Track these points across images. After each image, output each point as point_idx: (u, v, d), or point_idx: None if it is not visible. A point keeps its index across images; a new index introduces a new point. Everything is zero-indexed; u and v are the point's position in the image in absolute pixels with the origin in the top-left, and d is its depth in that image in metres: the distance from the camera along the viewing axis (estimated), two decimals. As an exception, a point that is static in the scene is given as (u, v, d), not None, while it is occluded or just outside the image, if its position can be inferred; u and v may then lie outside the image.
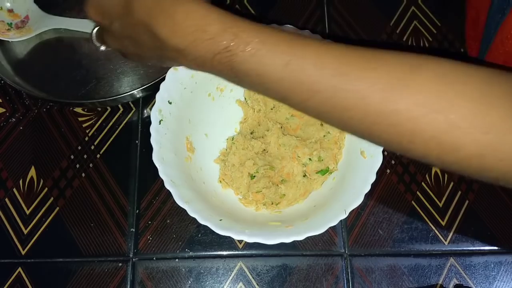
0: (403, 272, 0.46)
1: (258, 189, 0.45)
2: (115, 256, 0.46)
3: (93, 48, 0.54)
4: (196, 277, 0.46)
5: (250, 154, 0.46)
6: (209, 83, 0.47)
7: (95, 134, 0.50)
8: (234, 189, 0.46)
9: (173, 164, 0.41)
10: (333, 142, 0.46)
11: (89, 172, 0.49)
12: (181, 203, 0.39)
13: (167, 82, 0.43)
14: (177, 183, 0.40)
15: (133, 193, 0.48)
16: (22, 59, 0.53)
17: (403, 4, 0.58)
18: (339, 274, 0.46)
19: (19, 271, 0.45)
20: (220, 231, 0.38)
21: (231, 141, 0.48)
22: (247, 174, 0.45)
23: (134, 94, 0.48)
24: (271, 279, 0.46)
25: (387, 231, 0.47)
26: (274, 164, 0.46)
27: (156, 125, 0.42)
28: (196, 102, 0.47)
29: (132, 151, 0.50)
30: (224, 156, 0.47)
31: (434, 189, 0.49)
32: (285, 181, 0.46)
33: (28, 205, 0.48)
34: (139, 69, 0.52)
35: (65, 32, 0.54)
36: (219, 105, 0.49)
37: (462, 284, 0.46)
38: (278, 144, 0.46)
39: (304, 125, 0.48)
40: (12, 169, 0.49)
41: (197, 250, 0.46)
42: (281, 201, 0.45)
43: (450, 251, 0.47)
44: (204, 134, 0.48)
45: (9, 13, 0.54)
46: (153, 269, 0.46)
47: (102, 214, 0.47)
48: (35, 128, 0.51)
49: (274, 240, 0.38)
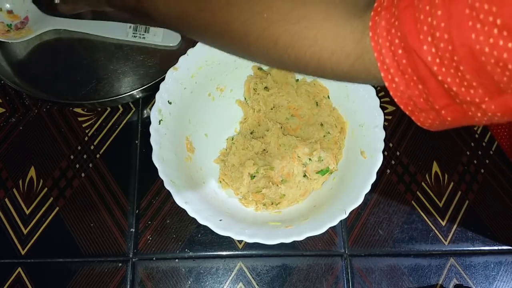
0: (403, 272, 0.46)
1: (258, 189, 0.45)
2: (115, 256, 0.46)
3: (93, 49, 0.54)
4: (196, 277, 0.46)
5: (250, 154, 0.46)
6: (209, 83, 0.47)
7: (95, 134, 0.50)
8: (234, 189, 0.46)
9: (173, 164, 0.41)
10: (333, 142, 0.46)
11: (89, 172, 0.49)
12: (181, 203, 0.39)
13: (167, 82, 0.43)
14: (177, 183, 0.40)
15: (133, 193, 0.48)
16: (22, 60, 0.53)
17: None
18: (339, 274, 0.46)
19: (19, 271, 0.45)
20: (220, 231, 0.38)
21: (231, 141, 0.48)
22: (247, 174, 0.45)
23: (134, 95, 0.48)
24: (271, 279, 0.46)
25: (387, 231, 0.47)
26: (274, 164, 0.46)
27: (156, 125, 0.42)
28: (196, 102, 0.47)
29: (132, 151, 0.50)
30: (224, 156, 0.47)
31: (434, 189, 0.49)
32: (285, 181, 0.46)
33: (28, 205, 0.48)
34: (139, 69, 0.52)
35: (65, 32, 0.54)
36: (219, 105, 0.49)
37: (462, 284, 0.46)
38: (278, 144, 0.46)
39: (304, 125, 0.48)
40: (12, 169, 0.49)
41: (197, 250, 0.46)
42: (281, 201, 0.45)
43: (450, 251, 0.47)
44: (204, 134, 0.48)
45: (9, 14, 0.54)
46: (153, 269, 0.46)
47: (102, 214, 0.47)
48: (35, 128, 0.51)
49: (274, 240, 0.38)
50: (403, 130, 0.52)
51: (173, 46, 0.53)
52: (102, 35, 0.53)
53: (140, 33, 0.53)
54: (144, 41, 0.53)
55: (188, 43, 0.53)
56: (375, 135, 0.42)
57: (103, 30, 0.53)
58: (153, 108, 0.42)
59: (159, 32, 0.53)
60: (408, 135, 0.52)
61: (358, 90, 0.44)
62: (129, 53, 0.53)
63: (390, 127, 0.52)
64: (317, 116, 0.47)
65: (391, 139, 0.51)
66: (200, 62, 0.45)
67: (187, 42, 0.53)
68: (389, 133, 0.52)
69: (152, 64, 0.53)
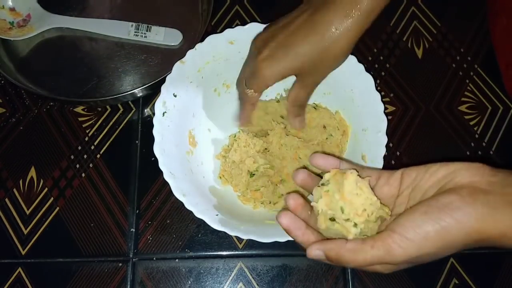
0: (403, 272, 0.46)
1: (256, 187, 0.45)
2: (115, 256, 0.46)
3: (94, 47, 0.54)
4: (196, 277, 0.46)
5: (251, 152, 0.46)
6: (215, 79, 0.47)
7: (95, 134, 0.50)
8: (233, 186, 0.46)
9: (173, 157, 0.42)
10: (335, 145, 0.46)
11: (89, 172, 0.49)
12: (178, 195, 0.39)
13: (173, 75, 0.43)
14: (176, 175, 0.40)
15: (133, 193, 0.48)
16: (24, 57, 0.53)
17: (403, 4, 0.58)
18: (339, 274, 0.46)
19: (19, 271, 0.45)
20: (216, 226, 0.38)
21: (233, 138, 0.48)
22: (246, 171, 0.45)
23: (135, 93, 0.48)
24: (271, 279, 0.46)
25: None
26: (274, 164, 0.46)
27: (160, 116, 0.42)
28: (201, 96, 0.47)
29: (132, 151, 0.50)
30: (225, 153, 0.47)
31: (434, 189, 0.49)
32: (284, 181, 0.46)
33: (28, 205, 0.47)
34: (141, 68, 0.52)
35: (67, 30, 0.54)
36: (224, 101, 0.49)
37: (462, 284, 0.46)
38: (280, 144, 0.46)
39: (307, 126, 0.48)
40: (12, 169, 0.49)
41: (197, 250, 0.46)
42: (279, 201, 0.45)
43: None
44: (207, 129, 0.48)
45: (11, 12, 0.54)
46: (153, 269, 0.46)
47: (102, 214, 0.47)
48: (35, 128, 0.51)
49: (268, 238, 0.38)
50: (403, 130, 0.52)
51: (174, 45, 0.53)
52: (104, 34, 0.53)
53: (142, 32, 0.53)
54: (146, 40, 0.53)
55: (189, 43, 0.53)
56: (377, 140, 0.42)
57: (105, 29, 0.53)
58: (157, 100, 0.42)
59: (160, 31, 0.53)
60: (408, 135, 0.52)
61: (363, 95, 0.44)
62: (131, 51, 0.53)
63: (390, 127, 0.52)
64: (318, 118, 0.47)
65: (391, 139, 0.51)
66: (207, 57, 0.45)
67: (189, 42, 0.53)
68: (389, 133, 0.51)
69: (153, 63, 0.53)
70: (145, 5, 0.56)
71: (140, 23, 0.53)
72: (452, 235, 0.27)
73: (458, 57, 0.55)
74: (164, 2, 0.56)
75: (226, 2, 0.57)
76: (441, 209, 0.27)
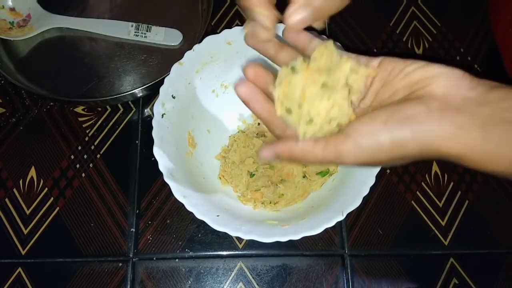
0: (403, 272, 0.46)
1: (257, 187, 0.45)
2: (115, 256, 0.46)
3: (94, 47, 0.54)
4: (196, 277, 0.46)
5: (251, 152, 0.46)
6: (214, 80, 0.47)
7: (95, 134, 0.50)
8: (233, 186, 0.46)
9: (173, 158, 0.42)
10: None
11: (89, 172, 0.49)
12: (179, 197, 0.39)
13: (171, 77, 0.43)
14: (176, 177, 0.40)
15: (133, 193, 0.48)
16: (24, 57, 0.53)
17: (403, 4, 0.58)
18: (339, 274, 0.46)
19: (19, 271, 0.45)
20: (217, 227, 0.38)
21: (233, 138, 0.48)
22: (246, 172, 0.45)
23: (135, 93, 0.48)
24: (271, 279, 0.46)
25: (387, 231, 0.47)
26: (274, 164, 0.46)
27: (159, 118, 0.42)
28: (200, 97, 0.47)
29: (132, 151, 0.50)
30: (225, 153, 0.47)
31: (434, 189, 0.50)
32: (284, 181, 0.46)
33: (28, 205, 0.48)
34: (141, 68, 0.52)
35: (67, 31, 0.54)
36: (223, 102, 0.49)
37: (462, 284, 0.46)
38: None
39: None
40: (12, 169, 0.49)
41: (197, 250, 0.46)
42: (279, 201, 0.45)
43: (450, 251, 0.47)
44: (206, 130, 0.48)
45: (11, 12, 0.54)
46: (153, 269, 0.46)
47: (102, 214, 0.47)
48: (35, 128, 0.51)
49: (269, 238, 0.38)
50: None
51: (174, 45, 0.53)
52: (104, 34, 0.53)
53: (142, 32, 0.53)
54: (146, 40, 0.53)
55: (189, 43, 0.53)
56: None
57: (105, 29, 0.53)
58: (156, 102, 0.42)
59: (160, 31, 0.53)
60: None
61: None
62: (131, 51, 0.53)
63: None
64: None
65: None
66: (205, 58, 0.45)
67: (189, 42, 0.53)
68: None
69: (153, 63, 0.53)
70: (145, 5, 0.56)
71: (140, 23, 0.53)
72: (407, 149, 0.25)
73: (458, 57, 0.55)
74: (164, 2, 0.56)
75: (226, 2, 0.57)
76: (403, 121, 0.25)
